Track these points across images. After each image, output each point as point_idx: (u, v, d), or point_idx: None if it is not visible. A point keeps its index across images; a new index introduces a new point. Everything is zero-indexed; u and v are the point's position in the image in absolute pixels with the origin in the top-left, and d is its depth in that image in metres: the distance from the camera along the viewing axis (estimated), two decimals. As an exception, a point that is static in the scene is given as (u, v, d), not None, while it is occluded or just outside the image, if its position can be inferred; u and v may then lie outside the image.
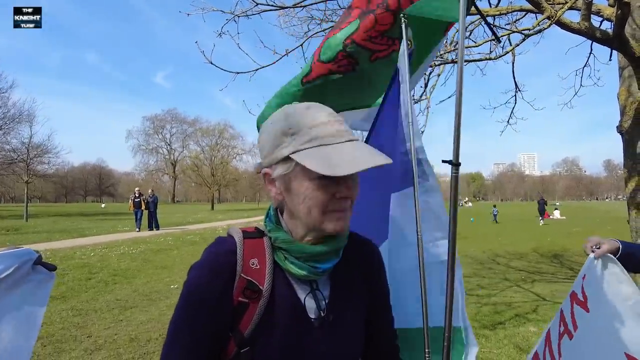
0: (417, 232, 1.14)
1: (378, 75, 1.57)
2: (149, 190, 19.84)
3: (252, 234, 0.92)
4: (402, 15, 1.22)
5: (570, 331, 1.44)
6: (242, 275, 0.85)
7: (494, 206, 28.74)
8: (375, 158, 0.80)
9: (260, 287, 0.84)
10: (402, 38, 1.24)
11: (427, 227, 1.24)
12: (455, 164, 0.95)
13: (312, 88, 1.55)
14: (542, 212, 25.27)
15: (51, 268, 1.29)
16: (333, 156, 0.78)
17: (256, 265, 0.87)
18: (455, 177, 0.95)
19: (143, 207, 18.38)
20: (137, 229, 17.70)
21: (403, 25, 1.20)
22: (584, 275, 1.44)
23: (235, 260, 0.85)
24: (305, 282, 0.90)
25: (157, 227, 18.54)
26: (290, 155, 0.81)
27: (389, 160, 0.80)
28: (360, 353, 0.97)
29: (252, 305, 0.84)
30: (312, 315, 0.89)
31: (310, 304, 0.89)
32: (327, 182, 0.81)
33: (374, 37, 1.37)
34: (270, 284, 0.86)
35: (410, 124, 1.11)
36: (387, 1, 1.31)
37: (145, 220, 18.49)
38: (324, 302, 0.90)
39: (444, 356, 0.95)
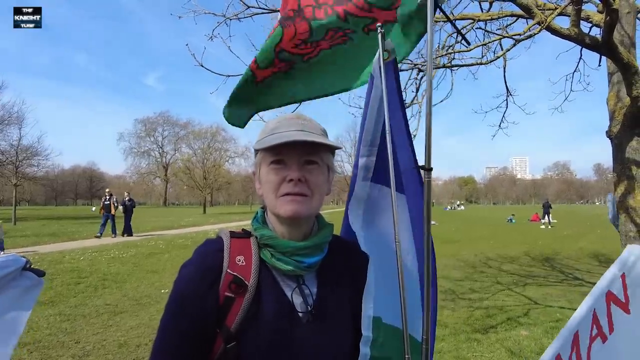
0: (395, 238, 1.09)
1: (333, 64, 1.59)
2: (125, 194, 18.02)
3: (240, 234, 0.98)
4: (378, 25, 1.19)
5: (605, 334, 1.34)
6: (228, 270, 0.89)
7: (513, 214, 33.73)
8: (307, 137, 0.88)
9: (246, 282, 0.88)
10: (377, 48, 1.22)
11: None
12: (427, 169, 0.95)
13: (269, 83, 1.64)
14: (547, 214, 25.97)
15: (40, 274, 1.27)
16: (274, 138, 0.89)
17: (242, 262, 0.91)
18: (428, 182, 0.94)
19: (113, 211, 16.32)
20: (99, 234, 15.64)
21: (379, 37, 1.17)
22: (623, 273, 1.35)
23: (222, 257, 0.90)
24: (291, 279, 0.94)
25: (130, 234, 16.57)
26: (254, 146, 0.97)
27: (323, 140, 0.90)
28: (351, 347, 1.00)
29: (238, 300, 0.87)
30: (299, 310, 0.92)
31: (297, 300, 0.93)
32: (278, 166, 0.91)
33: (298, 44, 1.51)
34: (256, 280, 0.90)
35: (388, 132, 1.10)
36: (304, 10, 1.46)
37: (136, 225, 17.71)
38: (311, 298, 0.94)
39: (423, 356, 0.94)
